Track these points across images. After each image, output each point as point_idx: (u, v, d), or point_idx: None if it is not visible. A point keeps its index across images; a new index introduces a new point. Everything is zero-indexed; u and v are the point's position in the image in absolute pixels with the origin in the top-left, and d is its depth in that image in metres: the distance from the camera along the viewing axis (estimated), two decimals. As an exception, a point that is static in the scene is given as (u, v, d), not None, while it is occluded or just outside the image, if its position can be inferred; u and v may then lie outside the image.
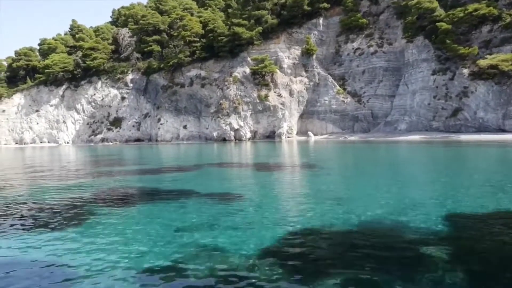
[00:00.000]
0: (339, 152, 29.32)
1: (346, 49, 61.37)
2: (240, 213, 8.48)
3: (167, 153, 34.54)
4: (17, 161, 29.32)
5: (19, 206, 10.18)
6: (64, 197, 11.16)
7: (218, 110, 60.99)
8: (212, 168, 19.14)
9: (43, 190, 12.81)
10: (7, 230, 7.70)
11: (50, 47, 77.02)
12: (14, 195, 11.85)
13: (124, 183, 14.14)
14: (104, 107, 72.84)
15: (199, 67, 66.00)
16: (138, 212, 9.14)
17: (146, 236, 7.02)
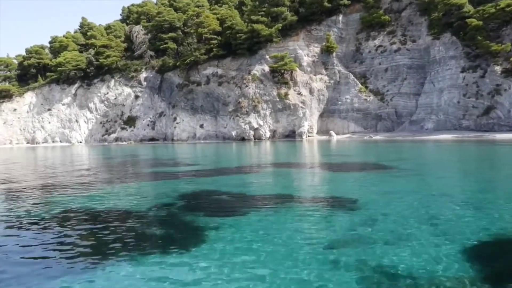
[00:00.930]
0: (387, 151, 28.00)
1: (367, 46, 60.08)
2: (376, 222, 7.21)
3: (201, 153, 33.21)
4: (56, 162, 27.96)
5: (105, 217, 8.89)
6: (148, 205, 9.87)
7: (237, 108, 59.70)
8: (280, 169, 17.80)
9: (112, 197, 11.52)
10: (104, 253, 6.11)
11: (61, 44, 75.65)
12: (89, 203, 10.57)
13: (200, 186, 12.84)
14: (117, 106, 71.55)
15: (215, 65, 64.71)
16: (252, 222, 7.73)
17: (283, 254, 5.70)
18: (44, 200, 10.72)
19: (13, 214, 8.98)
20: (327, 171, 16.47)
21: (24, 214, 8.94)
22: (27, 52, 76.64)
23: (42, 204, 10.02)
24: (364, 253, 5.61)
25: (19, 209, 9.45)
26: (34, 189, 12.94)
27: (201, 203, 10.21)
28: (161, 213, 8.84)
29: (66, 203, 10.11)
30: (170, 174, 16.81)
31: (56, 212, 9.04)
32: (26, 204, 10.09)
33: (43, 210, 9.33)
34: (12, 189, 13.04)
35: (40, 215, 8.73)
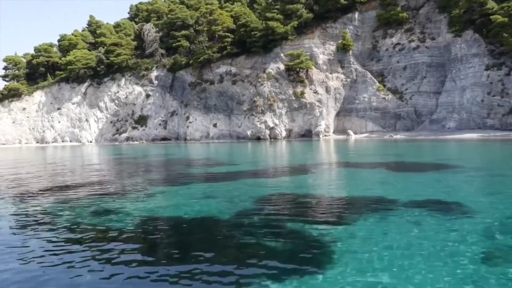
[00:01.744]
0: (427, 150, 27.02)
1: (384, 44, 59.12)
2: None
3: (227, 152, 32.18)
4: (88, 164, 26.92)
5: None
6: (231, 211, 8.88)
7: (252, 107, 58.70)
8: (342, 169, 16.82)
9: (183, 200, 10.53)
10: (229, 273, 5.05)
11: (71, 43, 74.61)
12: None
13: (271, 189, 11.85)
14: (128, 105, 70.51)
15: (229, 63, 63.68)
16: (369, 230, 6.72)
17: (443, 270, 4.76)
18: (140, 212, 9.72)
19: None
20: (393, 172, 15.48)
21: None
22: (35, 51, 75.55)
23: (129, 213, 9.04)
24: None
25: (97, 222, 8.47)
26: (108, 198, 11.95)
27: (293, 208, 9.22)
28: (255, 221, 7.78)
29: (144, 211, 9.12)
30: (223, 174, 15.80)
31: (142, 222, 8.06)
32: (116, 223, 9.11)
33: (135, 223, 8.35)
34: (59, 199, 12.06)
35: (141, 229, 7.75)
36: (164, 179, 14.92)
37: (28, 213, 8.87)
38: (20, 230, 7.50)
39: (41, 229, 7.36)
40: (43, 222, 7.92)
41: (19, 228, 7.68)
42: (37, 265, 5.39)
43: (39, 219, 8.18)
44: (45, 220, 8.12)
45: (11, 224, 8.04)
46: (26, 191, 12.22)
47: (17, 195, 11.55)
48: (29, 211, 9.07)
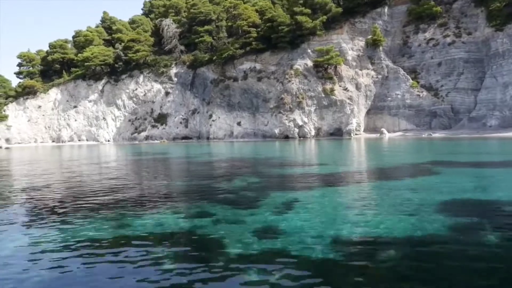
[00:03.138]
0: (492, 149, 24.89)
1: (417, 39, 57.04)
2: None
3: (277, 151, 30.03)
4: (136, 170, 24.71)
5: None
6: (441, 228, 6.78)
7: (279, 105, 56.62)
8: (463, 169, 14.75)
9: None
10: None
11: (87, 39, 72.45)
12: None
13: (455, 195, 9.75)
14: (146, 102, 68.44)
15: (253, 60, 61.58)
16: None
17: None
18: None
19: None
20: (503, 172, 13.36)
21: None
22: (50, 47, 73.41)
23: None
24: None
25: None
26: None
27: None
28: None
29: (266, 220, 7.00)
30: (328, 176, 13.68)
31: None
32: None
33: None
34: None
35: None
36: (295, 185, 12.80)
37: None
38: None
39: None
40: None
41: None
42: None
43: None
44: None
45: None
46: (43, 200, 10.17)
47: (36, 203, 9.50)
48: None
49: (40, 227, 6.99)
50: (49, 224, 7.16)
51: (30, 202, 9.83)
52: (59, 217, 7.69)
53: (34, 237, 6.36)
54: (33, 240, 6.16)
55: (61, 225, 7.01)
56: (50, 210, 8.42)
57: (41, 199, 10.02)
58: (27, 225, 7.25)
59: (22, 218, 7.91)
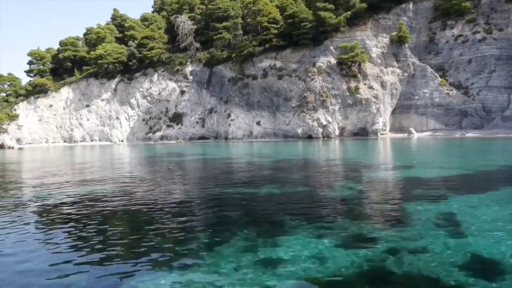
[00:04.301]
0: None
1: (444, 36, 55.14)
2: None
3: (317, 152, 28.07)
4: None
5: None
6: None
7: (302, 104, 54.71)
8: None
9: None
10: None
11: (98, 36, 70.41)
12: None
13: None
14: (161, 101, 66.45)
15: (273, 57, 59.66)
16: None
17: None
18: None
19: None
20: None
21: None
22: (61, 44, 71.36)
23: None
24: None
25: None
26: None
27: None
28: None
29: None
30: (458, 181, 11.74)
31: None
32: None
33: None
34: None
35: None
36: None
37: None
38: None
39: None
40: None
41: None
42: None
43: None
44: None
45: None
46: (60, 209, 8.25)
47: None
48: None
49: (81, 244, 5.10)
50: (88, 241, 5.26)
51: (65, 216, 7.93)
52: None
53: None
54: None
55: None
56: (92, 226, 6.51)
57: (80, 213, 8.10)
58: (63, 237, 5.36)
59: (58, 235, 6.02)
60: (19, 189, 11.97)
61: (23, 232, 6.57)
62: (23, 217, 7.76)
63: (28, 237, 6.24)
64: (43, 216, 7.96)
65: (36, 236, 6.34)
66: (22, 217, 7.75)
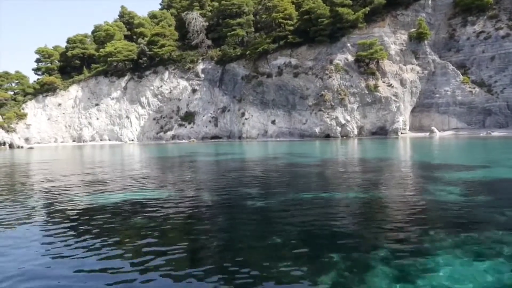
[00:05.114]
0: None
1: (465, 33, 53.74)
2: None
3: (361, 152, 26.62)
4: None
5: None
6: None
7: (319, 102, 53.33)
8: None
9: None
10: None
11: (108, 33, 68.96)
12: None
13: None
14: (172, 100, 65.05)
15: (288, 54, 58.26)
16: None
17: None
18: None
19: None
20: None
21: None
22: (70, 42, 69.89)
23: None
24: None
25: None
26: None
27: None
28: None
29: None
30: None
31: None
32: None
33: None
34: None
35: None
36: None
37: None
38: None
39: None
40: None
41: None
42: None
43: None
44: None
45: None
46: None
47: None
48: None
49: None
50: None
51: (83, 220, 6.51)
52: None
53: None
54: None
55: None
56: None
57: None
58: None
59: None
60: (44, 194, 10.57)
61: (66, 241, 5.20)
62: (64, 225, 6.39)
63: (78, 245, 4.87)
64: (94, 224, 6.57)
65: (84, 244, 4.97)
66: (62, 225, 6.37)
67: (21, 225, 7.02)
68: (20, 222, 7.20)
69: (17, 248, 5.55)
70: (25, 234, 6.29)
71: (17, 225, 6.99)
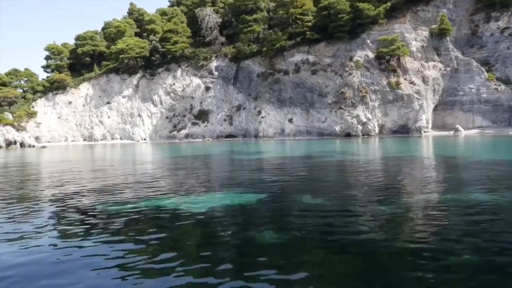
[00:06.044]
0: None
1: (488, 29, 52.43)
2: None
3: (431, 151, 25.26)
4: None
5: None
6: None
7: (339, 100, 51.99)
8: None
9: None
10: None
11: (118, 30, 67.56)
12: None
13: None
14: (185, 98, 63.66)
15: (305, 51, 56.88)
16: None
17: None
18: None
19: None
20: None
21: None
22: (80, 39, 68.42)
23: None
24: None
25: None
26: None
27: None
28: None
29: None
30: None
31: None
32: None
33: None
34: None
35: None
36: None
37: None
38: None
39: None
40: None
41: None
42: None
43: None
44: None
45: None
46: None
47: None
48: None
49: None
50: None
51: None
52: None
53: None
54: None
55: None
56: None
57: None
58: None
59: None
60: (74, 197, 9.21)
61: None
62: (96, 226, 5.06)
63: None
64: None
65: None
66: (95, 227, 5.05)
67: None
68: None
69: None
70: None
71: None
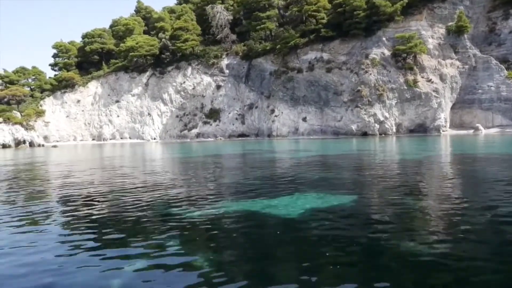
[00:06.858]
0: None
1: (507, 26, 51.54)
2: None
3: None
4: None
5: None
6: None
7: (355, 98, 51.04)
8: None
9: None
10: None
11: (127, 28, 66.54)
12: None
13: None
14: (196, 97, 62.62)
15: (319, 49, 55.91)
16: None
17: None
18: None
19: None
20: None
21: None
22: (88, 37, 67.31)
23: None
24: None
25: None
26: None
27: None
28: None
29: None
30: None
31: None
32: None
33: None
34: None
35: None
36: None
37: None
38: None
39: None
40: None
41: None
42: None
43: None
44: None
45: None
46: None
47: None
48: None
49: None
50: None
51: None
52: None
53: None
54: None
55: None
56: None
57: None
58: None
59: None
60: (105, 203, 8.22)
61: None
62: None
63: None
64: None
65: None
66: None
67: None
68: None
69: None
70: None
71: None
